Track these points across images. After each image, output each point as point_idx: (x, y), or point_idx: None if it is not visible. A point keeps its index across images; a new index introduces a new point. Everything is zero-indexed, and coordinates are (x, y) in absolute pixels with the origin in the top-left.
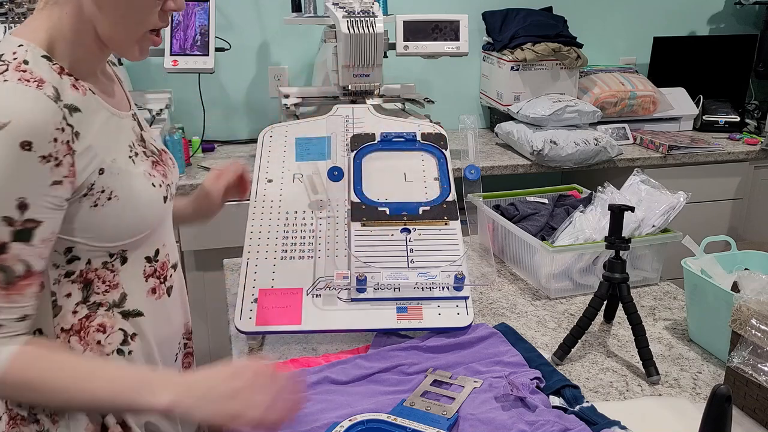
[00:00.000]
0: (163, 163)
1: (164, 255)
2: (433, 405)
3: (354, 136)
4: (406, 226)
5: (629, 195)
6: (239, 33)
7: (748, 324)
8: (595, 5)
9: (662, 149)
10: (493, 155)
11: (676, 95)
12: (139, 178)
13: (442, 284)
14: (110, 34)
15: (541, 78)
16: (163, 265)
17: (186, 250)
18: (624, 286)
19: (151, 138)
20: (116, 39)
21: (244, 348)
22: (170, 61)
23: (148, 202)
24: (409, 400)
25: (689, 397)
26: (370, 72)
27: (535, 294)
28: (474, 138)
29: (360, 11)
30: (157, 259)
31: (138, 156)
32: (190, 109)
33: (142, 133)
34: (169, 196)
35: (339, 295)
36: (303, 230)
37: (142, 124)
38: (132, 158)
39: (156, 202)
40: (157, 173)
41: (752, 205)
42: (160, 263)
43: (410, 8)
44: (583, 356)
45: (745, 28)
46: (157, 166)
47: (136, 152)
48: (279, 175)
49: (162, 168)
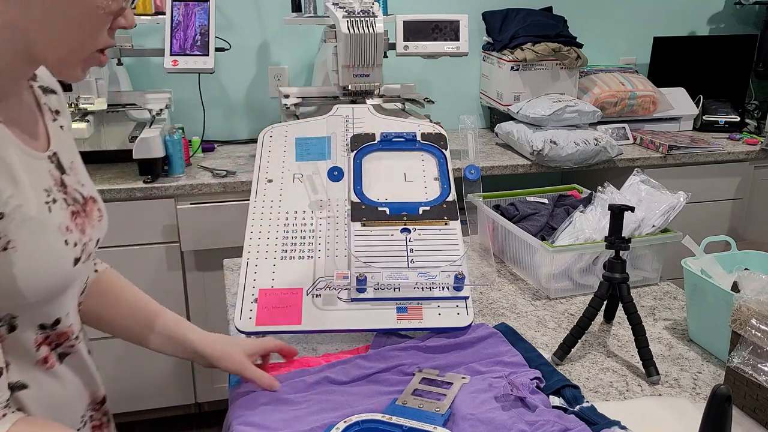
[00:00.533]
0: (85, 214)
1: (67, 325)
2: (425, 402)
3: (354, 136)
4: (406, 226)
5: (629, 195)
6: (239, 33)
7: (748, 324)
8: (595, 5)
9: (662, 149)
10: (493, 155)
11: (676, 95)
12: (51, 230)
13: (442, 284)
14: (52, 52)
15: (541, 78)
16: (62, 336)
17: (186, 250)
18: (624, 286)
19: (78, 183)
20: (58, 58)
21: None
22: (170, 61)
23: (52, 262)
24: (401, 399)
25: (689, 397)
26: (370, 72)
27: (535, 294)
28: (474, 138)
29: (360, 11)
30: (55, 328)
31: (56, 203)
32: (190, 109)
33: (62, 177)
34: (83, 257)
35: (339, 295)
36: (303, 230)
37: (64, 166)
38: (49, 205)
39: (62, 263)
40: (75, 228)
41: (752, 205)
42: (56, 333)
43: (410, 8)
44: (583, 356)
45: (745, 28)
46: (76, 218)
47: (54, 198)
48: (279, 175)
49: (82, 221)
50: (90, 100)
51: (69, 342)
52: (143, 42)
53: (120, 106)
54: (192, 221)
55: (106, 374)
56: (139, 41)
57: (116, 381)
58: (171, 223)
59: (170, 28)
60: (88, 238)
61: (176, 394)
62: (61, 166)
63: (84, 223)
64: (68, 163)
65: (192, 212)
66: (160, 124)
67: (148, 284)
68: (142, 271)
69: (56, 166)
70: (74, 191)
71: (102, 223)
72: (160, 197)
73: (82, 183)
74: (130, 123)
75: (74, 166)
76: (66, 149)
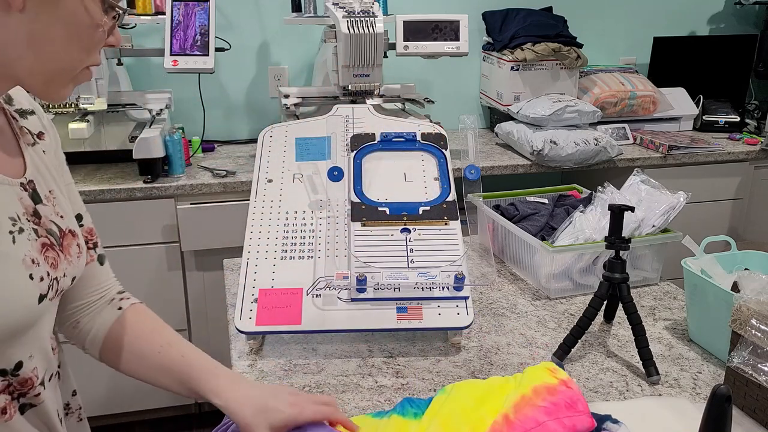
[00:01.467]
0: (60, 249)
1: (30, 369)
2: None
3: (354, 136)
4: (406, 226)
5: (629, 195)
6: (239, 33)
7: (748, 324)
8: (595, 5)
9: (662, 149)
10: (493, 155)
11: (676, 95)
12: (14, 263)
13: (442, 284)
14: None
15: (541, 78)
16: (26, 382)
17: (186, 250)
18: (624, 286)
19: (55, 214)
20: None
21: (244, 348)
22: (170, 61)
23: (11, 297)
24: None
25: (689, 397)
26: (370, 72)
27: (535, 294)
28: (474, 138)
29: (360, 11)
30: (17, 373)
31: (23, 233)
32: (190, 109)
33: (36, 207)
34: (51, 293)
35: (339, 295)
36: (303, 230)
37: (40, 194)
38: (13, 235)
39: (25, 300)
40: (44, 262)
41: (752, 205)
42: (20, 379)
43: (410, 8)
44: (583, 356)
45: (745, 28)
46: (47, 251)
47: (21, 228)
48: (279, 175)
49: (54, 255)
50: (90, 100)
51: (33, 390)
52: (143, 42)
53: (120, 106)
54: (192, 221)
55: (105, 374)
56: (139, 41)
57: (116, 381)
58: (171, 223)
59: (170, 28)
60: (61, 274)
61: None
62: (36, 194)
63: (57, 258)
64: (46, 192)
65: (192, 212)
66: (160, 124)
67: (148, 284)
68: (142, 271)
69: (30, 194)
70: (49, 222)
71: (80, 260)
72: (160, 197)
73: (60, 215)
74: (130, 123)
75: (54, 196)
76: (46, 177)
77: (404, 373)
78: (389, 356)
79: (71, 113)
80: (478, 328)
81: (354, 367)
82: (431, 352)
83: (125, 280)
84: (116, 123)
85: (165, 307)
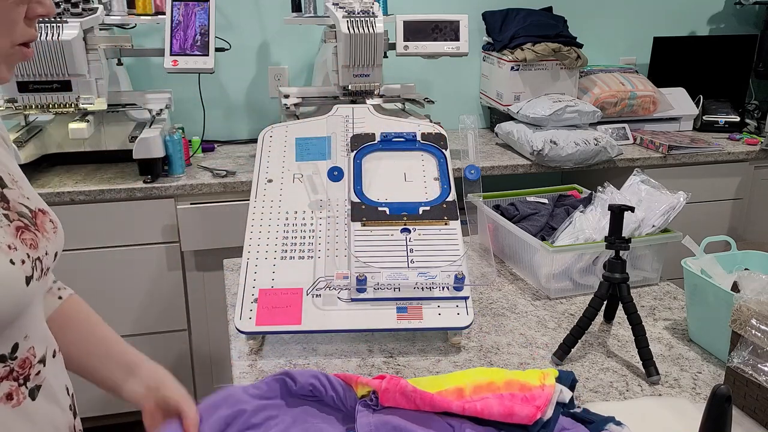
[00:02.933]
0: (36, 228)
1: (26, 349)
2: None
3: (354, 136)
4: (406, 226)
5: (629, 195)
6: (239, 33)
7: (748, 324)
8: (595, 5)
9: (662, 149)
10: (493, 155)
11: (676, 95)
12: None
13: (442, 284)
14: None
15: (541, 78)
16: (25, 363)
17: (186, 250)
18: (624, 286)
19: (23, 195)
20: None
21: (244, 348)
22: (170, 61)
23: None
24: None
25: (689, 397)
26: (370, 72)
27: (535, 294)
28: (474, 138)
29: (360, 11)
30: (14, 356)
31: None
32: (190, 109)
33: (2, 191)
34: (36, 274)
35: (339, 295)
36: (303, 230)
37: (3, 180)
38: None
39: (11, 284)
40: (22, 244)
41: (752, 205)
42: (19, 361)
43: (410, 8)
44: (583, 356)
45: (745, 28)
46: (23, 234)
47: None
48: (279, 175)
49: (31, 236)
50: (90, 100)
51: (33, 369)
52: (143, 42)
53: (120, 106)
54: (192, 221)
55: None
56: (139, 41)
57: None
58: (171, 223)
59: (170, 28)
60: (43, 253)
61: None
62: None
63: (35, 238)
64: (8, 177)
65: (192, 212)
66: (160, 124)
67: (148, 284)
68: (142, 271)
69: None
70: (18, 205)
71: (58, 235)
72: (160, 197)
73: (27, 196)
74: (130, 123)
75: (16, 179)
76: (3, 163)
77: (404, 373)
78: (389, 356)
79: (71, 113)
80: (478, 328)
81: (354, 367)
82: (431, 352)
83: (125, 280)
84: (116, 123)
85: (165, 307)
